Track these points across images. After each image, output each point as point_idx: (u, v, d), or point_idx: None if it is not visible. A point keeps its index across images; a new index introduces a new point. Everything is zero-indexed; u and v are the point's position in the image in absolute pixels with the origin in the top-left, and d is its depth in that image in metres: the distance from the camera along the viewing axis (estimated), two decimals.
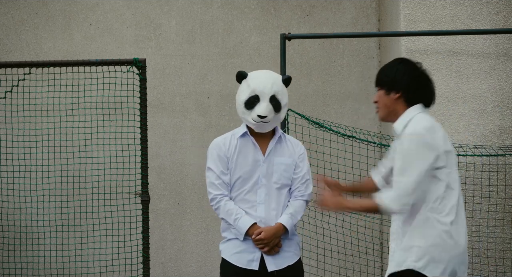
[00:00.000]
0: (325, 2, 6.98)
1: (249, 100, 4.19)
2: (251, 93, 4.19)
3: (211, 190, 4.27)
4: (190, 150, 6.97)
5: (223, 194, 4.23)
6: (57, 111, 6.34)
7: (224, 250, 4.24)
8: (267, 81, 4.21)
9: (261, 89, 4.18)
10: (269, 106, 4.17)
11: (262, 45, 6.99)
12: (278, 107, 4.20)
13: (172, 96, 6.98)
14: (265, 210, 4.18)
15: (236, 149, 4.24)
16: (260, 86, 4.19)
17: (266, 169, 4.21)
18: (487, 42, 6.05)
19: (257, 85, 4.19)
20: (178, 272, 6.98)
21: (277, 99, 4.20)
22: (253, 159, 4.22)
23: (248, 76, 4.26)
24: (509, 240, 5.94)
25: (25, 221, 6.55)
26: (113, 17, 7.00)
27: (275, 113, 4.20)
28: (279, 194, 4.22)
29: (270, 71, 4.36)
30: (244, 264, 4.16)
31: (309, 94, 6.93)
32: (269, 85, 4.19)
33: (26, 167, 6.42)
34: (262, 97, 4.18)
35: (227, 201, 4.21)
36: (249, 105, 4.18)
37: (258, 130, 4.23)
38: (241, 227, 4.15)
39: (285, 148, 4.27)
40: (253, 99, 4.18)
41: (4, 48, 6.96)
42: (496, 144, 5.98)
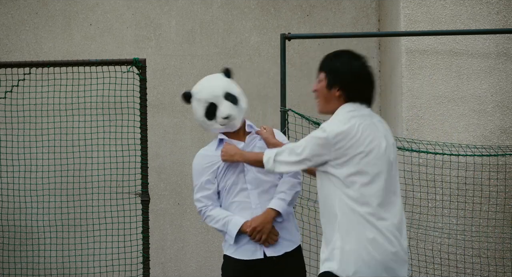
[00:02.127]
0: (325, 2, 6.98)
1: (207, 111, 4.19)
2: (205, 104, 4.20)
3: (196, 204, 4.27)
4: (190, 150, 6.96)
5: (205, 204, 4.22)
6: (57, 111, 6.33)
7: (226, 248, 4.22)
8: (211, 85, 4.23)
9: (212, 94, 4.19)
10: (228, 103, 4.16)
11: (262, 45, 6.99)
12: (235, 100, 4.19)
13: (172, 96, 6.98)
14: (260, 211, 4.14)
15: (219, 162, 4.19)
16: (209, 92, 4.20)
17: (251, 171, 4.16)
18: (487, 42, 6.04)
19: (207, 94, 4.21)
20: (178, 272, 6.98)
21: (231, 94, 4.20)
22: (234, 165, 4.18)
23: (193, 92, 4.27)
24: (509, 240, 5.94)
25: (25, 221, 6.55)
26: (113, 17, 6.99)
27: (236, 106, 4.17)
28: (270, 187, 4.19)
29: (207, 76, 4.36)
30: (249, 255, 4.13)
31: (309, 94, 6.91)
32: (216, 88, 4.20)
33: (26, 167, 6.42)
34: (218, 100, 4.17)
35: (212, 209, 4.20)
36: (210, 115, 4.18)
37: (230, 130, 4.22)
38: (232, 229, 4.13)
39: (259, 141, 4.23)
40: (211, 107, 4.18)
41: (4, 48, 6.96)
42: (496, 144, 5.98)
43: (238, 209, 4.17)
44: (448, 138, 5.98)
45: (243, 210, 4.16)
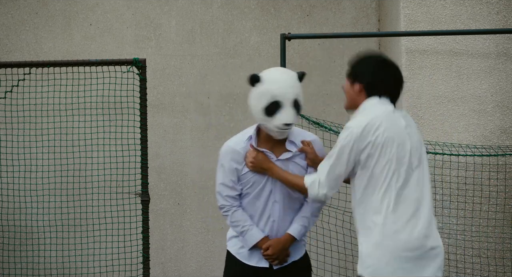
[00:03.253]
0: (325, 2, 6.98)
1: (269, 106, 3.86)
2: (270, 99, 3.87)
3: (218, 198, 4.05)
4: (190, 150, 6.97)
5: (231, 205, 4.01)
6: (57, 111, 6.33)
7: (233, 245, 4.09)
8: (287, 85, 3.92)
9: (283, 94, 3.88)
10: (293, 111, 3.90)
11: (262, 45, 6.99)
12: (299, 110, 3.97)
13: (172, 96, 6.98)
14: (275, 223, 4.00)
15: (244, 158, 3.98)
16: (281, 92, 3.88)
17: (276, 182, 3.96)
18: (487, 42, 6.04)
19: (277, 90, 3.88)
20: (178, 272, 6.98)
21: (298, 102, 3.96)
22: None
23: (264, 79, 3.91)
24: (509, 240, 5.94)
25: (25, 221, 6.55)
26: (113, 17, 6.99)
27: (297, 116, 3.96)
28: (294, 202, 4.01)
29: (286, 70, 4.08)
30: (254, 262, 4.03)
31: (309, 94, 6.93)
32: (291, 89, 3.92)
33: (26, 167, 6.42)
34: (284, 103, 3.89)
35: (234, 212, 4.00)
36: (270, 112, 3.86)
37: (280, 137, 3.96)
38: (248, 240, 3.98)
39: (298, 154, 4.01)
40: (274, 106, 3.87)
41: (4, 48, 6.96)
42: (496, 144, 5.98)
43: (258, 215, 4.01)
44: (448, 138, 5.98)
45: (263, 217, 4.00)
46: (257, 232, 3.99)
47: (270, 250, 3.96)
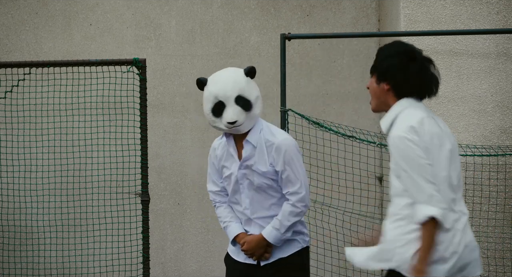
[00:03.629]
0: (325, 2, 6.98)
1: (214, 108, 3.95)
2: (214, 100, 3.95)
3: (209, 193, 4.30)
4: (190, 150, 6.97)
5: (214, 200, 4.24)
6: (57, 111, 6.34)
7: (229, 245, 4.25)
8: (227, 83, 3.96)
9: (223, 93, 3.94)
10: (237, 108, 3.92)
11: (262, 45, 6.99)
12: (247, 106, 3.95)
13: (172, 96, 6.98)
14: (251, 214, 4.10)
15: (223, 155, 4.15)
16: (221, 90, 3.94)
17: (245, 175, 4.06)
18: (487, 42, 6.04)
19: (217, 90, 3.95)
20: (178, 272, 6.98)
21: (244, 98, 3.96)
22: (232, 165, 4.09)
23: (208, 82, 4.03)
24: (509, 240, 5.94)
25: (25, 221, 6.55)
26: (113, 17, 6.99)
27: (246, 113, 3.95)
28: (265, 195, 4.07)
29: (229, 68, 4.13)
30: (242, 258, 4.14)
31: (309, 94, 6.93)
32: (230, 87, 3.94)
33: (26, 167, 6.42)
34: (227, 101, 3.93)
35: (218, 207, 4.21)
36: (217, 113, 3.95)
37: (236, 133, 4.03)
38: (228, 235, 4.16)
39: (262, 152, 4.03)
40: (219, 106, 3.95)
41: (4, 48, 6.96)
42: (496, 144, 5.98)
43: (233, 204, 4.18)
44: None
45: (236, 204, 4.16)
46: (235, 227, 4.13)
47: (245, 246, 4.08)
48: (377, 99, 3.51)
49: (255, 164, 4.02)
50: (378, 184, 6.73)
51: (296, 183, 4.03)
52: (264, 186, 4.04)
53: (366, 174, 6.51)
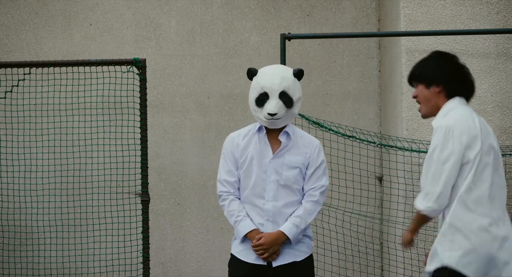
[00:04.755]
0: (325, 2, 6.98)
1: (258, 97, 4.12)
2: (260, 90, 4.13)
3: (218, 186, 4.22)
4: (190, 150, 6.96)
5: (228, 192, 4.17)
6: (57, 111, 6.33)
7: (234, 247, 4.21)
8: (275, 77, 4.13)
9: (269, 85, 4.11)
10: (279, 102, 4.09)
11: (262, 45, 6.99)
12: (289, 103, 4.12)
13: (172, 96, 6.98)
14: (273, 207, 4.12)
15: (247, 145, 4.18)
16: (268, 83, 4.12)
17: (274, 167, 4.13)
18: (487, 42, 6.04)
19: (265, 81, 4.12)
20: (178, 272, 6.98)
21: (287, 95, 4.12)
22: (263, 156, 4.15)
23: (258, 73, 4.19)
24: None
25: (25, 221, 6.55)
26: (113, 17, 6.99)
27: (287, 109, 4.11)
28: (289, 192, 4.14)
29: (280, 66, 4.30)
30: (252, 259, 4.11)
31: (309, 94, 6.93)
32: (278, 81, 4.11)
33: (26, 167, 6.42)
34: (271, 94, 4.10)
35: (232, 201, 4.16)
36: (259, 103, 4.12)
37: (271, 127, 4.16)
38: (240, 231, 4.11)
39: (297, 145, 4.18)
40: (263, 97, 4.12)
41: (4, 48, 6.96)
42: None
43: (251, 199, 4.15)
44: None
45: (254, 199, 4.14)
46: (249, 223, 4.12)
47: (262, 240, 4.06)
48: (427, 103, 3.73)
49: (288, 156, 4.15)
50: (378, 184, 6.73)
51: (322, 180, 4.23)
52: (292, 180, 4.14)
53: (366, 174, 6.51)
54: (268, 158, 4.15)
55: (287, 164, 4.15)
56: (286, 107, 4.12)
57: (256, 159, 4.16)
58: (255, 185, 4.15)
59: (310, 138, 4.26)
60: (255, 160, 4.15)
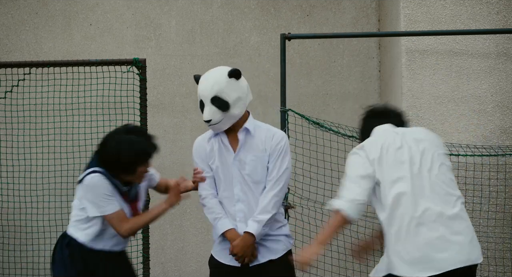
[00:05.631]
0: (325, 2, 6.98)
1: (200, 105, 4.17)
2: (198, 98, 4.17)
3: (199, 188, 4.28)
4: (190, 150, 6.89)
5: (207, 190, 4.22)
6: (57, 111, 6.33)
7: (214, 246, 4.29)
8: (206, 84, 4.11)
9: (202, 92, 4.12)
10: (212, 108, 4.08)
11: (262, 45, 6.99)
12: (224, 106, 4.08)
13: (172, 96, 6.98)
14: (244, 206, 4.14)
15: (212, 149, 4.21)
16: (201, 90, 4.12)
17: (238, 166, 4.14)
18: (487, 42, 6.04)
19: (199, 89, 4.14)
20: (178, 272, 6.98)
21: (220, 99, 4.07)
22: (226, 157, 4.17)
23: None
24: (509, 240, 5.94)
25: (25, 221, 6.55)
26: (113, 17, 7.00)
27: (223, 113, 4.09)
28: (256, 190, 4.15)
29: (216, 68, 4.22)
30: (227, 260, 4.19)
31: (309, 94, 6.93)
32: (209, 87, 4.08)
33: (26, 167, 6.42)
34: (205, 100, 4.11)
35: (210, 199, 4.21)
36: (201, 110, 4.16)
37: (215, 131, 4.20)
38: (218, 228, 4.18)
39: (257, 142, 4.16)
40: (201, 104, 4.15)
41: (4, 48, 6.96)
42: (496, 144, 5.98)
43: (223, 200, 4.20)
44: (448, 138, 5.98)
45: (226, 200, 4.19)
46: (227, 221, 4.16)
47: (234, 249, 4.11)
48: None
49: (249, 153, 4.13)
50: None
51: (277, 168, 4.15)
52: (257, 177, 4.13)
53: None
54: (230, 158, 4.17)
55: (249, 161, 4.14)
56: (221, 111, 4.09)
57: (220, 162, 4.18)
58: (225, 188, 4.19)
59: (272, 131, 4.21)
60: (220, 162, 4.18)
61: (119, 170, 4.06)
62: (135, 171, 4.08)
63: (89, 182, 4.06)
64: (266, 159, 4.14)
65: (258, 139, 4.16)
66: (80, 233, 4.14)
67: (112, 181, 4.09)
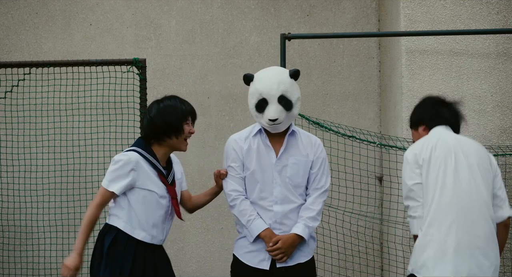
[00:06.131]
0: (325, 2, 6.98)
1: (258, 103, 4.14)
2: (258, 96, 4.14)
3: (227, 185, 4.22)
4: (190, 150, 6.95)
5: (238, 191, 4.19)
6: (57, 111, 6.34)
7: (237, 248, 4.23)
8: (272, 82, 4.13)
9: (267, 91, 4.11)
10: (279, 107, 4.11)
11: (262, 45, 6.99)
12: (289, 106, 4.14)
13: None
14: (281, 209, 4.14)
15: (250, 148, 4.19)
16: (266, 89, 4.11)
17: (279, 169, 4.16)
18: (487, 42, 6.04)
19: (263, 87, 4.12)
20: (178, 272, 6.98)
21: (286, 98, 4.13)
22: (267, 159, 4.17)
23: (255, 78, 4.20)
24: (509, 240, 5.94)
25: (25, 221, 6.55)
26: (113, 17, 7.00)
27: (287, 112, 4.13)
28: (295, 192, 4.17)
29: (276, 68, 4.29)
30: (255, 263, 4.14)
31: (309, 94, 6.93)
32: (275, 86, 4.11)
33: (26, 167, 6.42)
34: (270, 99, 4.11)
35: (242, 200, 4.17)
36: (260, 109, 4.14)
37: (273, 131, 4.19)
38: (253, 230, 4.13)
39: (299, 146, 4.21)
40: (262, 102, 4.13)
41: (4, 48, 6.96)
42: (496, 144, 5.98)
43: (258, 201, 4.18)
44: None
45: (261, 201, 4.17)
46: (262, 222, 4.13)
47: (280, 243, 4.08)
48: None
49: (292, 156, 4.17)
50: (378, 184, 6.73)
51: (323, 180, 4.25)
52: (297, 181, 4.17)
53: (366, 174, 6.51)
54: (273, 160, 4.17)
55: (291, 165, 4.17)
56: (286, 111, 4.13)
57: (260, 163, 4.17)
58: (262, 189, 4.17)
59: (312, 137, 4.28)
60: (259, 163, 4.17)
61: (167, 133, 4.14)
62: (182, 130, 4.16)
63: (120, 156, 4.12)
64: (309, 164, 4.21)
65: (301, 143, 4.22)
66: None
67: (152, 162, 4.11)
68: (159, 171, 4.14)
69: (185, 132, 4.18)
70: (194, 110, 4.29)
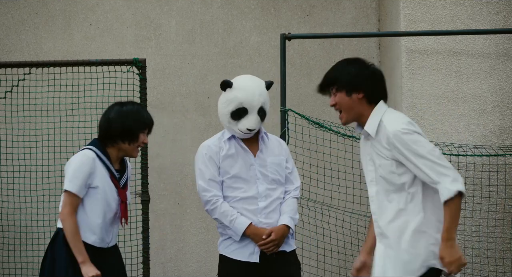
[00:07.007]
0: (325, 2, 6.98)
1: (236, 111, 4.20)
2: (238, 105, 4.20)
3: (204, 193, 4.28)
4: (190, 150, 6.96)
5: (216, 195, 4.25)
6: (57, 111, 6.34)
7: (224, 248, 4.29)
8: (254, 93, 4.21)
9: (250, 101, 4.19)
10: (258, 118, 4.22)
11: (262, 45, 6.99)
12: (264, 117, 4.28)
13: (172, 96, 6.98)
14: (265, 204, 4.24)
15: (227, 154, 4.27)
16: (249, 99, 4.20)
17: (260, 167, 4.26)
18: (487, 42, 6.04)
19: (245, 97, 4.20)
20: (178, 272, 6.98)
21: (263, 109, 4.26)
22: (247, 160, 4.27)
23: (234, 85, 4.25)
24: (509, 240, 5.94)
25: (25, 221, 6.55)
26: (113, 17, 7.00)
27: (261, 122, 4.27)
28: (276, 188, 4.29)
29: (255, 78, 4.36)
30: (245, 257, 4.21)
31: (309, 94, 6.93)
32: (257, 97, 4.21)
33: (26, 167, 6.42)
34: (250, 109, 4.20)
35: (222, 203, 4.24)
36: (236, 117, 4.20)
37: (244, 138, 4.30)
38: (238, 228, 4.20)
39: (271, 147, 4.34)
40: (240, 111, 4.20)
41: (4, 48, 6.96)
42: (496, 144, 5.98)
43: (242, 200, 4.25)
44: (448, 138, 5.98)
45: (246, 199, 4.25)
46: (244, 219, 4.21)
47: (274, 235, 4.18)
48: (350, 111, 3.72)
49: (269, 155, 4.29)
50: None
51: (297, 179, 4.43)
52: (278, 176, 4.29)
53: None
54: (252, 161, 4.27)
55: (270, 163, 4.29)
56: (261, 121, 4.26)
57: (241, 165, 4.26)
58: (246, 189, 4.25)
59: (276, 138, 4.45)
60: (240, 165, 4.26)
61: (122, 137, 4.15)
62: (137, 138, 4.16)
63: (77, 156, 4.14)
64: (283, 162, 4.33)
65: (271, 145, 4.35)
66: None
67: (105, 163, 4.12)
68: (111, 173, 4.15)
69: (139, 140, 4.19)
70: (153, 123, 4.30)
